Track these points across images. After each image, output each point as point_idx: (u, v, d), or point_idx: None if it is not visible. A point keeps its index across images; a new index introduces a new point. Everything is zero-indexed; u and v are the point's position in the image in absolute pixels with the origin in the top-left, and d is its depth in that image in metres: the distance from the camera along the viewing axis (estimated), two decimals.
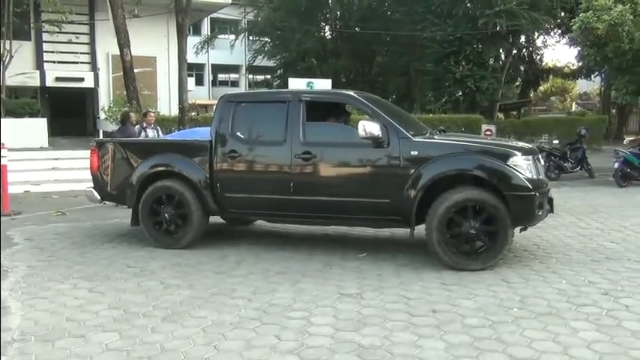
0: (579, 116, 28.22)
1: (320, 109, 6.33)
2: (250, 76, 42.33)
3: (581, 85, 45.05)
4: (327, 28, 29.63)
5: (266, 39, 31.06)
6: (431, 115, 20.56)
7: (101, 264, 5.76)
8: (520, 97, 35.39)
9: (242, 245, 6.53)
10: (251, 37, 34.45)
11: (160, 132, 10.19)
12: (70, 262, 5.85)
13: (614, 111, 32.88)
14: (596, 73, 30.02)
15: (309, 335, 3.82)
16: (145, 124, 9.95)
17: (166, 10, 20.03)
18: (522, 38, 27.82)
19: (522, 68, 33.70)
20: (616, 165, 11.93)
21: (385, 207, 5.64)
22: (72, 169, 12.49)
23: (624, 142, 13.61)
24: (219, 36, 35.98)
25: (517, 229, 5.58)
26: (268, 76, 38.28)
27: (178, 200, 6.33)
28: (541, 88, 42.36)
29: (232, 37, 35.70)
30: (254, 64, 33.02)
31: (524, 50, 32.38)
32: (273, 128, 6.10)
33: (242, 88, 40.98)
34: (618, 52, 12.34)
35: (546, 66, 37.08)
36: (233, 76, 44.04)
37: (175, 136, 7.57)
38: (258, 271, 5.43)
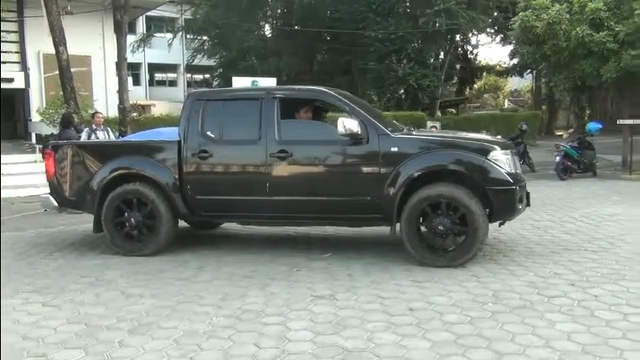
0: (512, 112, 29.34)
1: (294, 107, 6.15)
2: (189, 76, 41.42)
3: (513, 83, 46.74)
4: (267, 26, 29.37)
5: (205, 37, 30.45)
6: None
7: (52, 275, 5.39)
8: (456, 94, 36.38)
9: (202, 250, 6.28)
10: (189, 36, 33.70)
11: (111, 133, 9.74)
12: (18, 274, 5.45)
13: (544, 107, 34.29)
14: (529, 70, 31.26)
15: (289, 341, 3.68)
16: (94, 126, 9.49)
17: (101, 8, 19.24)
18: (459, 37, 28.47)
19: (458, 66, 34.63)
20: (557, 158, 12.38)
21: (366, 205, 5.54)
22: (7, 174, 11.76)
23: (563, 135, 14.16)
24: (155, 34, 34.97)
25: (496, 224, 5.60)
26: (208, 76, 37.58)
27: (145, 205, 6.01)
28: (475, 85, 43.70)
29: (170, 35, 34.78)
30: (193, 63, 32.27)
31: (459, 49, 33.27)
32: (246, 126, 5.89)
33: (181, 88, 40.07)
34: (556, 49, 12.82)
35: (480, 64, 38.32)
36: (171, 75, 42.95)
37: (138, 137, 7.16)
38: (223, 276, 5.23)
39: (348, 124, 5.37)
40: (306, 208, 5.74)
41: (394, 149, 5.42)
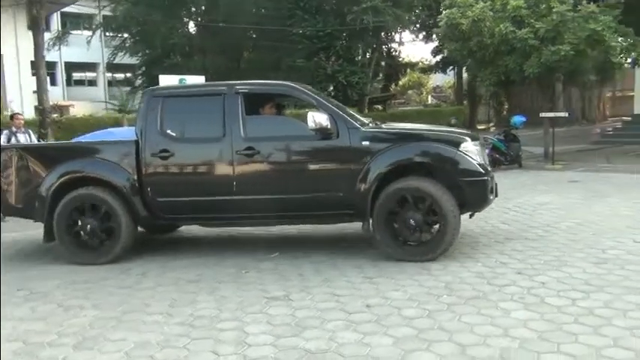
0: (436, 108, 30.26)
1: (258, 102, 5.95)
2: (110, 75, 39.80)
3: (435, 79, 48.14)
4: (192, 23, 28.67)
5: (126, 35, 29.32)
6: (306, 109, 20.70)
7: None
8: (382, 91, 36.99)
9: (144, 255, 5.97)
10: (108, 33, 32.35)
11: (33, 136, 9.11)
12: None
13: (465, 102, 35.52)
14: (451, 67, 32.26)
15: (249, 346, 3.54)
16: (14, 129, 8.85)
17: (13, 3, 18.07)
18: (385, 34, 28.94)
19: (384, 63, 35.25)
20: (486, 151, 12.78)
21: (337, 201, 5.42)
22: None
23: (490, 129, 14.67)
24: (72, 32, 33.31)
25: (466, 215, 5.60)
26: (130, 75, 36.23)
27: (102, 209, 5.64)
28: (400, 82, 44.67)
29: (88, 33, 33.25)
30: (114, 61, 31.01)
31: (384, 46, 33.85)
32: (209, 124, 5.65)
33: (101, 87, 38.47)
34: (481, 45, 13.22)
35: (404, 61, 39.18)
36: (90, 74, 41.14)
37: (89, 138, 6.69)
38: (168, 282, 5.00)
39: (318, 118, 5.23)
40: (275, 206, 5.55)
41: (365, 143, 5.33)
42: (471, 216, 5.78)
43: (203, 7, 28.18)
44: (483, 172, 5.34)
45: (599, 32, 12.06)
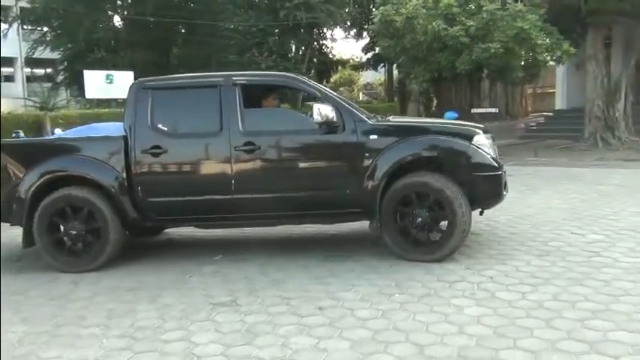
0: (368, 104, 30.57)
1: (257, 94, 5.65)
2: (28, 70, 37.64)
3: (366, 76, 48.73)
4: (118, 16, 27.54)
5: (46, 28, 27.77)
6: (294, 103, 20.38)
7: None
8: None
9: None
10: (26, 26, 30.55)
11: None
12: None
13: (396, 99, 36.13)
14: (383, 64, 32.69)
15: (198, 358, 3.33)
16: None
17: None
18: (317, 31, 28.93)
19: (316, 60, 35.25)
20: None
21: (344, 199, 5.14)
22: None
23: None
24: None
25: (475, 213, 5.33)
26: (50, 70, 34.41)
27: (88, 212, 5.20)
28: (332, 79, 44.90)
29: (4, 25, 31.26)
30: (33, 55, 29.33)
31: (316, 43, 33.86)
32: (205, 117, 5.29)
33: (19, 83, 36.32)
34: (414, 42, 13.40)
35: (335, 58, 39.37)
36: (7, 69, 38.73)
37: (72, 134, 6.09)
38: (104, 291, 4.67)
39: (324, 110, 4.93)
40: (277, 206, 5.22)
41: (373, 137, 5.05)
42: (481, 213, 5.47)
43: (129, 0, 27.13)
44: (497, 166, 5.12)
45: (527, 31, 12.51)
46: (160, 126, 5.32)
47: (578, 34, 15.79)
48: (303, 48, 26.62)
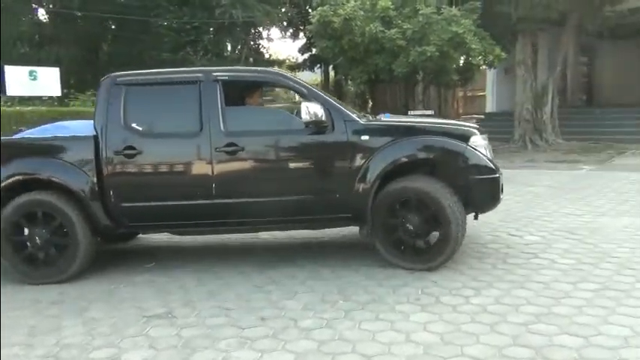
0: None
1: (240, 91, 5.32)
2: None
3: (302, 77, 48.69)
4: (43, 9, 26.19)
5: None
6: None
7: None
8: None
9: None
10: None
11: None
12: None
13: None
14: (319, 65, 32.69)
15: None
16: None
17: None
18: (254, 30, 28.60)
19: (252, 59, 34.87)
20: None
21: (334, 203, 4.86)
22: None
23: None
24: None
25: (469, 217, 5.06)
26: None
27: (55, 218, 4.75)
28: None
29: None
30: None
31: (252, 42, 33.50)
32: (183, 116, 4.92)
33: None
34: (352, 44, 13.41)
35: (271, 58, 39.13)
36: None
37: (37, 133, 5.46)
38: (24, 304, 4.28)
39: (312, 109, 4.64)
40: (262, 211, 4.90)
41: (364, 138, 4.78)
42: (475, 217, 5.19)
43: None
44: (494, 168, 4.90)
45: (461, 35, 12.77)
46: (134, 125, 4.93)
47: (508, 40, 16.30)
48: (239, 47, 26.23)
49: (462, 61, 13.89)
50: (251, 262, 5.16)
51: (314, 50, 23.54)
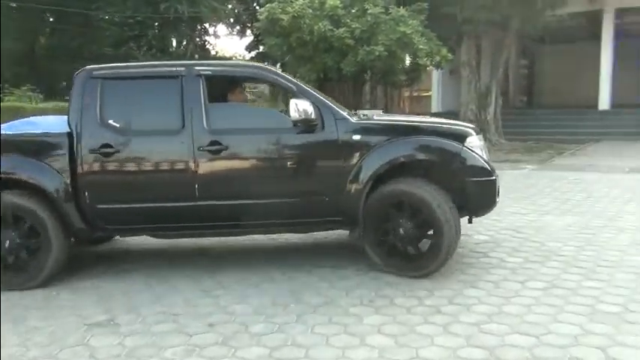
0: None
1: (224, 87, 5.06)
2: None
3: None
4: None
5: None
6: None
7: None
8: None
9: None
10: None
11: None
12: None
13: (279, 98, 36.14)
14: (266, 63, 32.45)
15: None
16: None
17: None
18: (200, 26, 28.09)
19: (197, 56, 34.25)
20: None
21: (323, 206, 4.62)
22: None
23: None
24: None
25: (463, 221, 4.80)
26: None
27: (25, 221, 4.41)
28: None
29: None
30: None
31: (197, 39, 32.90)
32: (164, 113, 4.65)
33: None
34: (301, 42, 13.29)
35: (218, 55, 38.57)
36: None
37: (6, 129, 4.98)
38: None
39: (302, 106, 4.40)
40: (248, 214, 4.64)
41: (356, 137, 4.56)
42: (469, 221, 4.93)
43: None
44: (491, 170, 4.69)
45: (409, 35, 12.87)
46: (111, 122, 4.64)
47: (454, 42, 16.60)
48: (184, 43, 25.69)
49: (409, 62, 13.96)
50: (201, 266, 4.99)
51: (261, 48, 23.28)
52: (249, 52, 34.89)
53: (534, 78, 26.03)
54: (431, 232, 4.47)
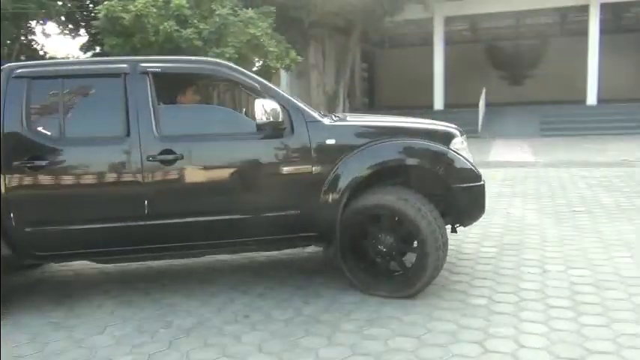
0: None
1: (174, 86, 4.39)
2: None
3: None
4: None
5: None
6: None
7: None
8: None
9: None
10: None
11: None
12: None
13: None
14: None
15: None
16: None
17: None
18: (26, 24, 25.53)
19: (24, 57, 31.17)
20: None
21: (294, 221, 4.04)
22: None
23: None
24: None
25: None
26: None
27: None
28: None
29: None
30: None
31: (23, 38, 29.93)
32: (104, 117, 4.00)
33: None
34: (145, 42, 12.55)
35: (48, 56, 35.46)
36: None
37: None
38: None
39: (269, 106, 3.84)
40: (209, 232, 4.03)
41: (330, 141, 4.04)
42: (453, 230, 4.47)
43: None
44: (478, 175, 4.28)
45: (258, 37, 12.76)
46: (40, 129, 3.89)
47: (301, 45, 16.84)
48: (8, 42, 23.14)
49: (259, 64, 13.86)
50: (43, 293, 4.39)
51: (98, 48, 21.73)
52: (85, 52, 32.61)
53: (374, 81, 27.44)
54: (416, 246, 4.02)
